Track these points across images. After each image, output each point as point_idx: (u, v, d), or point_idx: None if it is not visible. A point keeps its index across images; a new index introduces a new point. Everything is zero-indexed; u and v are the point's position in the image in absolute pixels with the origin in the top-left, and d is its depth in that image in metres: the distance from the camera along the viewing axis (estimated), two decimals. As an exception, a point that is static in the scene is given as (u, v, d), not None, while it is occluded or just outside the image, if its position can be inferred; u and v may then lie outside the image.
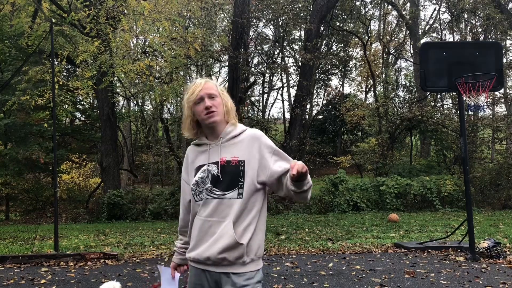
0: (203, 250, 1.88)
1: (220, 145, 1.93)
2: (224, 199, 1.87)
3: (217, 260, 1.85)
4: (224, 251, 1.83)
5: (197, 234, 1.92)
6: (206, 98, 1.92)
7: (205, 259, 1.87)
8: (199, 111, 1.93)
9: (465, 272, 5.33)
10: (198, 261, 1.90)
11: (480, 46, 7.25)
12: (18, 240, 8.16)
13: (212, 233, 1.87)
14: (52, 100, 7.13)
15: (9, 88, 12.23)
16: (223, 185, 1.88)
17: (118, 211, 12.18)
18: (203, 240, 1.89)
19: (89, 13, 9.20)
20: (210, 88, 1.95)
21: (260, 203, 1.93)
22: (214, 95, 1.94)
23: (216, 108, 1.92)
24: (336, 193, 13.21)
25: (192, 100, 1.94)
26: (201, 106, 1.92)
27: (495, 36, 17.55)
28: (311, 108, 26.78)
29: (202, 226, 1.90)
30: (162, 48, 12.02)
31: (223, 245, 1.83)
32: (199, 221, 1.91)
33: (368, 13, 22.97)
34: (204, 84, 1.95)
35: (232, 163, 1.89)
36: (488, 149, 17.58)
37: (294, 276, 5.21)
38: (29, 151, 13.69)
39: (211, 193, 1.89)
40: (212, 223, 1.87)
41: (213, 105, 1.92)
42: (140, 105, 22.93)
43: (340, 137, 28.68)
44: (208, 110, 1.90)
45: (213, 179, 1.89)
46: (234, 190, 1.87)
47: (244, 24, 14.55)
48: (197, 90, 1.93)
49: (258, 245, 1.91)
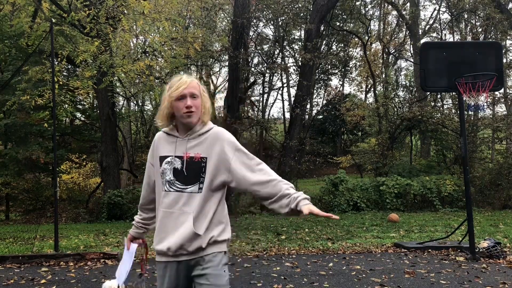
0: (164, 242, 1.98)
1: (186, 141, 2.03)
2: (185, 192, 1.98)
3: (178, 251, 1.95)
4: (183, 242, 1.94)
5: (159, 225, 2.02)
6: (188, 97, 1.99)
7: (167, 250, 1.97)
8: (179, 108, 2.00)
9: (465, 272, 5.33)
10: (161, 252, 2.00)
11: (480, 46, 7.26)
12: (18, 240, 8.16)
13: (173, 225, 1.97)
14: (52, 100, 7.13)
15: (9, 88, 12.22)
16: (185, 179, 1.98)
17: (118, 211, 12.17)
18: (165, 231, 1.99)
19: (89, 13, 9.20)
20: (194, 88, 2.02)
21: (219, 197, 2.03)
22: (196, 95, 2.02)
23: (196, 108, 2.01)
24: (336, 193, 13.21)
25: (174, 96, 2.00)
26: (182, 103, 1.99)
27: (495, 36, 17.54)
28: (311, 108, 26.77)
29: (163, 217, 2.00)
30: (162, 48, 12.01)
31: (183, 236, 1.94)
32: (161, 212, 2.01)
33: (368, 13, 22.95)
34: (189, 82, 2.01)
35: (195, 159, 2.00)
36: (488, 149, 17.57)
37: (294, 276, 5.21)
38: (29, 151, 13.68)
39: (172, 185, 2.00)
40: (173, 215, 1.97)
41: (194, 105, 2.00)
42: (140, 105, 22.92)
43: (340, 137, 28.66)
44: (188, 109, 1.98)
45: (175, 172, 2.00)
46: (195, 185, 1.98)
47: (244, 24, 14.54)
48: (181, 88, 1.99)
49: (219, 232, 2.01)
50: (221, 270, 1.98)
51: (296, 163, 14.11)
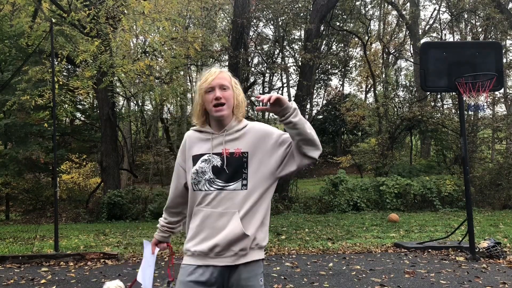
0: (207, 241, 1.86)
1: (224, 136, 1.92)
2: (227, 190, 1.86)
3: (222, 252, 1.84)
4: (230, 242, 1.83)
5: (199, 225, 1.89)
6: (217, 88, 1.90)
7: (209, 251, 1.85)
8: (208, 100, 1.91)
9: (465, 272, 5.33)
10: (201, 254, 1.86)
11: (480, 46, 7.25)
12: (18, 240, 8.16)
13: (217, 225, 1.85)
14: (52, 100, 7.13)
15: (9, 88, 12.23)
16: (226, 176, 1.87)
17: (118, 211, 12.17)
18: (206, 231, 1.87)
19: (89, 13, 9.20)
20: (223, 79, 1.92)
21: (266, 194, 1.92)
22: (226, 86, 1.92)
23: (226, 100, 1.90)
24: (336, 193, 13.21)
25: (204, 88, 1.91)
26: (211, 95, 1.90)
27: (495, 36, 17.55)
28: (311, 108, 26.79)
29: (206, 217, 1.88)
30: (162, 48, 12.02)
31: (229, 237, 1.83)
32: (202, 212, 1.89)
33: (368, 13, 22.97)
34: (218, 74, 1.92)
35: (235, 154, 1.89)
36: (488, 149, 17.57)
37: (294, 276, 5.21)
38: (29, 151, 13.68)
39: (213, 184, 1.88)
40: (217, 214, 1.86)
41: (223, 97, 1.90)
42: (140, 105, 22.93)
43: (340, 137, 28.66)
44: (217, 101, 1.89)
45: (215, 170, 1.89)
46: (238, 181, 1.86)
47: (244, 24, 14.54)
48: (210, 79, 1.91)
49: (263, 236, 1.91)
50: (258, 280, 1.88)
51: (296, 163, 14.09)
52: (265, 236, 1.93)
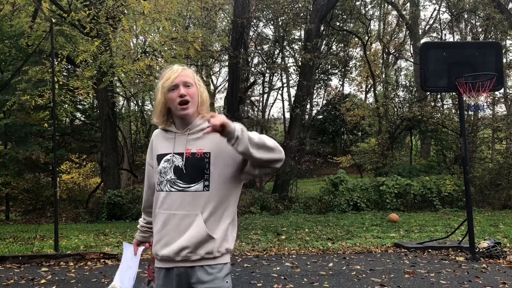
0: (170, 245, 1.82)
1: (186, 136, 1.87)
2: (189, 191, 1.81)
3: (187, 255, 1.80)
4: (195, 245, 1.79)
5: (161, 228, 1.85)
6: (181, 86, 1.84)
7: (174, 255, 1.81)
8: (172, 99, 1.85)
9: (465, 272, 5.33)
10: (167, 258, 1.83)
11: (480, 46, 7.25)
12: (18, 240, 8.16)
13: (180, 227, 1.81)
14: (52, 100, 7.13)
15: (9, 88, 12.22)
16: (188, 177, 1.82)
17: (118, 211, 12.17)
18: (169, 235, 1.82)
19: (89, 13, 9.19)
20: (187, 76, 1.87)
21: (231, 197, 1.88)
22: (190, 83, 1.87)
23: (191, 98, 1.85)
24: (336, 193, 13.21)
25: (167, 87, 1.85)
26: (175, 93, 1.84)
27: (495, 36, 17.55)
28: (311, 108, 26.79)
29: (167, 220, 1.83)
30: (162, 48, 12.01)
31: (194, 240, 1.79)
32: (162, 215, 1.85)
33: (368, 13, 22.98)
34: (181, 71, 1.87)
35: (197, 155, 1.84)
36: (488, 149, 17.57)
37: (294, 276, 5.21)
38: (29, 151, 13.67)
39: (174, 185, 1.84)
40: (178, 217, 1.81)
41: (188, 94, 1.85)
42: (140, 105, 22.93)
43: (340, 137, 28.67)
44: (182, 98, 1.84)
45: (176, 170, 1.84)
46: (200, 183, 1.81)
47: (244, 24, 14.56)
48: (173, 77, 1.85)
49: (229, 238, 1.87)
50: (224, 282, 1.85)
51: (296, 163, 14.10)
52: (232, 238, 1.88)
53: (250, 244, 7.39)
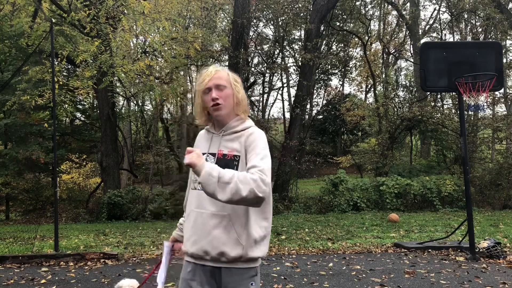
0: (198, 244, 1.85)
1: (221, 137, 1.94)
2: None
3: (215, 257, 1.83)
4: (222, 247, 1.82)
5: (191, 226, 1.89)
6: (213, 89, 1.89)
7: (203, 254, 1.85)
8: (207, 101, 1.92)
9: (465, 272, 5.33)
10: (196, 256, 1.88)
11: (480, 46, 7.25)
12: (18, 240, 8.15)
13: (207, 227, 1.84)
14: (52, 100, 7.13)
15: (9, 88, 12.23)
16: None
17: (118, 211, 12.17)
18: (197, 233, 1.86)
19: (89, 13, 9.20)
20: (220, 78, 1.91)
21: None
22: (223, 86, 1.90)
23: (224, 100, 1.90)
24: (336, 193, 13.21)
25: (201, 90, 1.92)
26: (209, 96, 1.90)
27: (495, 36, 17.55)
28: (311, 108, 26.77)
29: (196, 218, 1.87)
30: (162, 48, 12.02)
31: (222, 242, 1.82)
32: (193, 213, 1.90)
33: (368, 13, 22.97)
34: (214, 73, 1.91)
35: (227, 156, 1.89)
36: (488, 149, 17.58)
37: (294, 276, 5.21)
38: (29, 151, 13.68)
39: None
40: (206, 215, 1.85)
41: (220, 97, 1.89)
42: (140, 105, 22.92)
43: (340, 137, 28.66)
44: (214, 102, 1.88)
45: None
46: None
47: (244, 24, 14.55)
48: (206, 80, 1.90)
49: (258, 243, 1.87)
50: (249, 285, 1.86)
51: (296, 163, 14.10)
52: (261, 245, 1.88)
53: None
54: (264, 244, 1.90)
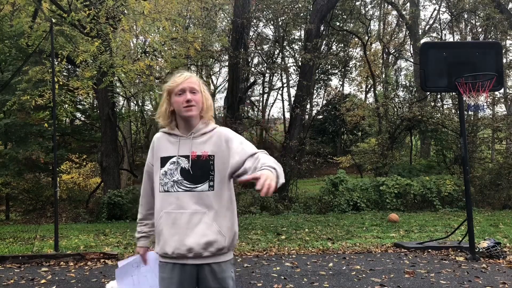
0: (182, 242, 1.91)
1: (191, 140, 2.00)
2: (196, 191, 1.93)
3: (199, 252, 1.91)
4: (207, 242, 1.90)
5: (170, 227, 1.94)
6: (187, 91, 1.98)
7: (186, 252, 1.91)
8: (178, 103, 1.98)
9: (465, 272, 5.33)
10: (177, 255, 1.93)
11: (480, 46, 7.25)
12: (18, 240, 8.15)
13: (190, 225, 1.91)
14: (52, 100, 7.13)
15: (9, 88, 12.23)
16: (194, 178, 1.95)
17: (118, 211, 12.17)
18: (179, 233, 1.92)
19: (89, 13, 9.19)
20: (193, 83, 2.00)
21: (230, 193, 2.01)
22: (196, 90, 2.00)
23: (196, 103, 1.98)
24: (336, 193, 13.21)
25: (174, 91, 1.99)
26: (182, 98, 1.97)
27: (495, 36, 17.54)
28: (311, 108, 26.79)
29: (176, 219, 1.93)
30: (162, 48, 12.02)
31: (205, 237, 1.90)
32: (170, 214, 1.94)
33: (368, 13, 22.97)
34: (188, 78, 2.00)
35: (202, 157, 1.97)
36: (488, 149, 17.57)
37: (294, 276, 5.22)
38: (29, 151, 13.69)
39: (181, 185, 1.95)
40: (187, 215, 1.92)
41: (194, 99, 1.97)
42: (140, 105, 22.94)
43: (340, 137, 28.68)
44: (188, 103, 1.96)
45: (183, 172, 1.96)
46: (205, 183, 1.94)
47: (244, 24, 14.56)
48: (180, 82, 1.99)
49: (234, 235, 2.00)
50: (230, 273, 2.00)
51: (296, 163, 14.10)
52: (236, 233, 2.01)
53: (250, 244, 7.39)
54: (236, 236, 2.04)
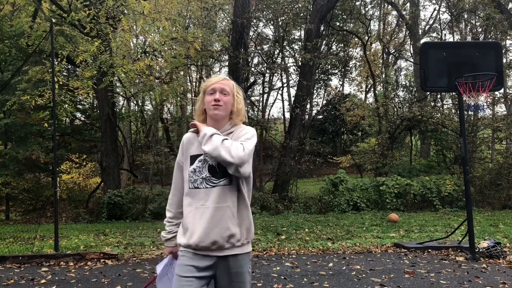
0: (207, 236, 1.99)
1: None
2: (219, 185, 2.02)
3: (223, 244, 1.99)
4: (230, 235, 1.99)
5: (198, 222, 2.02)
6: (218, 91, 2.07)
7: (210, 245, 1.99)
8: (208, 101, 2.08)
9: (465, 272, 5.33)
10: (201, 248, 2.01)
11: (480, 46, 7.25)
12: (18, 240, 8.15)
13: (214, 220, 1.99)
14: (52, 100, 7.13)
15: (9, 88, 12.23)
16: (219, 175, 2.03)
17: (118, 211, 12.17)
18: (205, 227, 2.00)
19: (89, 13, 9.19)
20: (226, 85, 2.10)
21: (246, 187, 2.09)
22: (227, 92, 2.09)
23: (224, 104, 2.07)
24: (336, 193, 13.21)
25: (206, 90, 2.10)
26: (212, 97, 2.07)
27: (495, 36, 17.54)
28: (311, 108, 26.78)
29: (203, 213, 2.01)
30: (162, 48, 12.01)
31: (229, 231, 1.99)
32: (199, 209, 2.02)
33: (368, 13, 22.97)
34: (221, 79, 2.11)
35: None
36: (488, 149, 17.57)
37: (294, 276, 5.21)
38: (29, 151, 13.68)
39: (209, 182, 2.04)
40: (212, 210, 2.00)
41: (222, 100, 2.06)
42: (140, 105, 22.93)
43: (340, 137, 28.68)
44: (216, 102, 2.05)
45: (211, 169, 2.04)
46: (226, 178, 2.03)
47: (244, 24, 14.56)
48: (213, 82, 2.09)
49: (251, 228, 2.09)
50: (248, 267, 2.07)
51: (296, 163, 14.10)
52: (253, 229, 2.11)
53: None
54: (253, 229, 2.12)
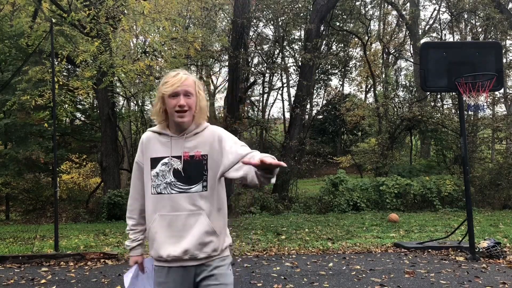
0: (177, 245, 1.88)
1: (184, 140, 1.93)
2: (190, 192, 1.88)
3: (195, 253, 1.88)
4: (202, 243, 1.88)
5: (165, 230, 1.90)
6: (181, 95, 1.89)
7: (181, 254, 1.87)
8: (171, 105, 1.90)
9: (465, 272, 5.33)
10: (173, 258, 1.89)
11: (480, 46, 7.25)
12: (18, 240, 8.16)
13: (185, 227, 1.88)
14: (52, 100, 7.13)
15: (9, 88, 12.23)
16: (187, 179, 1.89)
17: (118, 211, 12.16)
18: (175, 236, 1.88)
19: (89, 13, 9.19)
20: (189, 86, 1.91)
21: (222, 193, 1.98)
22: (191, 93, 1.91)
23: (189, 108, 1.91)
24: (336, 193, 13.21)
25: (167, 93, 1.90)
26: (175, 101, 1.89)
27: (495, 36, 17.54)
28: (311, 108, 26.77)
29: (171, 221, 1.89)
30: (162, 48, 12.01)
31: (201, 239, 1.87)
32: (166, 217, 1.89)
33: (368, 13, 22.97)
34: (184, 80, 1.91)
35: (195, 157, 1.92)
36: (488, 149, 17.57)
37: (294, 276, 5.21)
38: (29, 151, 13.68)
39: (175, 187, 1.89)
40: (183, 217, 1.88)
41: (187, 104, 1.90)
42: (140, 105, 22.91)
43: (340, 137, 28.67)
44: (181, 108, 1.89)
45: (175, 173, 1.90)
46: (199, 184, 1.89)
47: (244, 24, 14.55)
48: (176, 85, 1.89)
49: (228, 234, 2.02)
50: (228, 269, 1.97)
51: (296, 163, 14.09)
52: (229, 235, 2.03)
53: (250, 244, 7.39)
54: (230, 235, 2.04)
